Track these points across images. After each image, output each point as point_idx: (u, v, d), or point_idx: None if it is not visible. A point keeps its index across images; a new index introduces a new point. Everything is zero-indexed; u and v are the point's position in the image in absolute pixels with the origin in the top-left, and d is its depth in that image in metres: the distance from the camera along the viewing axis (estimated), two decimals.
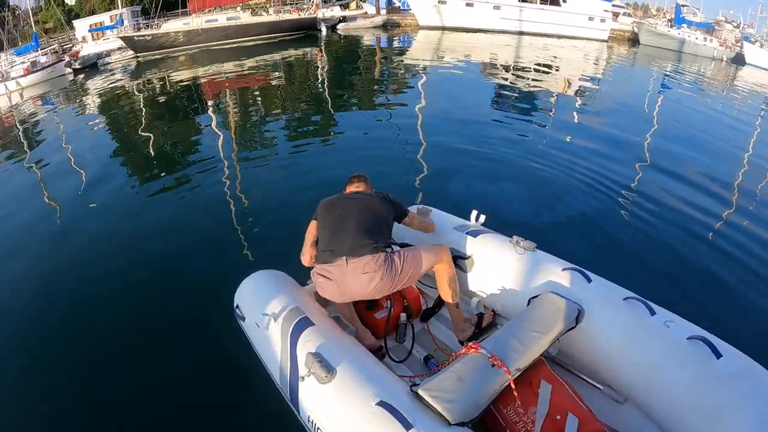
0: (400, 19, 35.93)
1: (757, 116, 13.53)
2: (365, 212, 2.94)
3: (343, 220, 2.89)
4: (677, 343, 2.43)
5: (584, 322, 2.73)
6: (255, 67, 19.88)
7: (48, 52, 25.42)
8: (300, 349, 2.53)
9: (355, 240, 2.78)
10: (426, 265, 2.94)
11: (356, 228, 2.83)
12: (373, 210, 2.99)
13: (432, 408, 2.11)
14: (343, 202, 3.04)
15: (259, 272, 3.30)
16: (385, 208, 3.05)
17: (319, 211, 3.07)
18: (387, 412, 2.06)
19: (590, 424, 2.22)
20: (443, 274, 3.02)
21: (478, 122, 10.03)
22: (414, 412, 2.07)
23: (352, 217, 2.89)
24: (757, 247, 5.27)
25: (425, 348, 3.19)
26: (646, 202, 6.24)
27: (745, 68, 26.39)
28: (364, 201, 3.04)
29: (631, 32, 33.87)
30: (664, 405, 2.40)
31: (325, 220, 2.97)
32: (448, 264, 3.02)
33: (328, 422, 2.24)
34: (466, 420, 2.11)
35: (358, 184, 3.32)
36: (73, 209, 6.52)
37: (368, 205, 3.01)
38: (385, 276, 2.75)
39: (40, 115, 14.64)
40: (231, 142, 9.37)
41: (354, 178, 3.37)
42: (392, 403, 2.10)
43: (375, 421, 2.06)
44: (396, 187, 6.07)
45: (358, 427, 2.10)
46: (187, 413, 3.21)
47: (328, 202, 3.09)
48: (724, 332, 2.51)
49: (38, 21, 37.90)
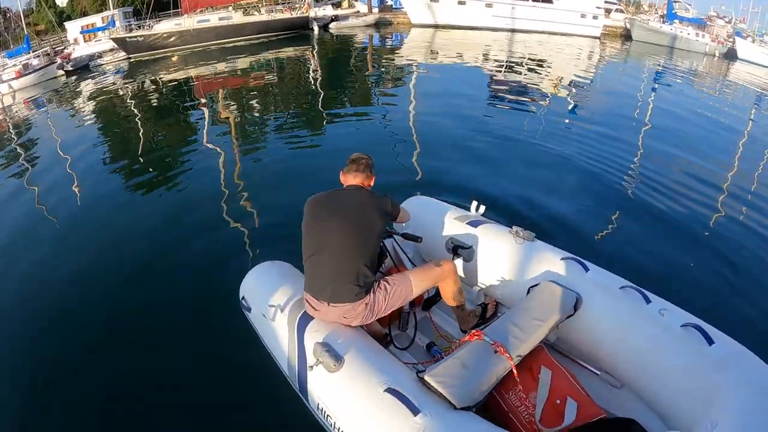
0: (393, 18, 35.87)
1: (749, 111, 13.63)
2: (350, 238, 2.63)
3: (321, 251, 2.64)
4: (671, 330, 2.49)
5: (582, 310, 2.78)
6: (247, 67, 19.85)
7: (40, 55, 25.30)
8: (307, 339, 2.58)
9: (334, 285, 2.59)
10: (419, 289, 2.86)
11: (335, 269, 2.60)
12: (362, 227, 2.67)
13: (438, 393, 2.17)
14: (327, 219, 2.68)
15: (263, 263, 3.34)
16: (379, 218, 2.75)
17: (304, 215, 2.79)
18: (395, 398, 2.12)
19: (589, 408, 2.28)
20: (447, 290, 3.02)
21: (473, 117, 10.09)
22: (421, 398, 2.13)
23: (332, 251, 2.62)
24: (752, 236, 5.36)
25: (427, 336, 3.26)
26: (641, 193, 6.36)
27: (737, 63, 26.56)
28: (353, 217, 2.68)
29: (624, 28, 33.98)
30: (659, 389, 2.45)
31: (307, 237, 2.73)
32: (452, 281, 2.97)
33: (338, 409, 2.30)
34: (470, 404, 2.17)
35: (356, 173, 2.93)
36: (71, 208, 6.52)
37: (356, 223, 2.66)
38: (366, 318, 2.69)
39: (33, 118, 14.60)
40: (227, 139, 9.38)
41: (352, 163, 2.98)
42: (400, 390, 2.16)
43: (384, 407, 2.12)
44: (394, 181, 6.16)
45: (368, 414, 2.16)
46: (197, 405, 3.24)
47: (310, 211, 2.77)
48: (718, 319, 2.57)
49: (30, 23, 37.73)
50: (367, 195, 2.85)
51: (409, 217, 3.28)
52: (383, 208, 2.81)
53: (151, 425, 3.17)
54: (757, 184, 7.10)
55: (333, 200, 2.78)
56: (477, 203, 3.74)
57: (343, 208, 2.72)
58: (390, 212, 2.90)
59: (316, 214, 2.74)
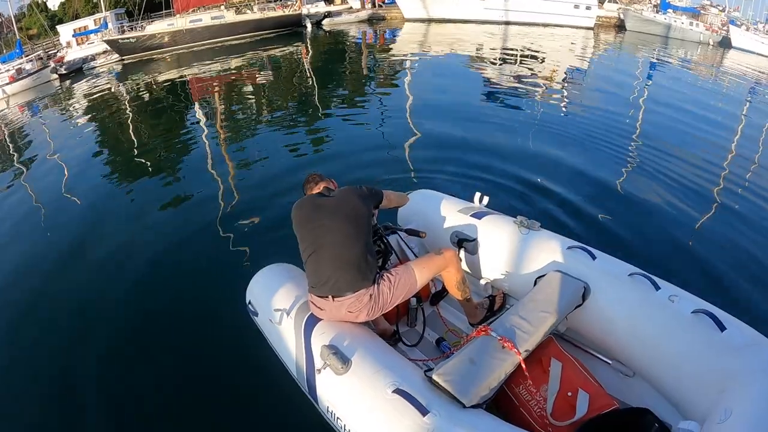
0: (386, 13, 35.82)
1: (744, 99, 13.64)
2: (343, 229, 2.69)
3: (320, 248, 2.68)
4: (682, 316, 2.46)
5: (590, 299, 2.76)
6: (241, 66, 19.76)
7: (33, 59, 25.09)
8: (314, 341, 2.57)
9: (336, 276, 2.62)
10: (423, 279, 2.86)
11: (334, 261, 2.64)
12: (350, 216, 2.74)
13: (446, 392, 2.15)
14: (316, 217, 2.75)
15: (269, 267, 3.32)
16: (363, 203, 2.83)
17: (293, 223, 2.85)
18: (403, 399, 2.11)
19: (601, 399, 2.26)
20: (450, 279, 2.99)
21: (468, 110, 10.09)
22: (430, 397, 2.12)
23: (329, 245, 2.67)
24: (761, 219, 5.39)
25: (437, 331, 3.24)
26: (644, 178, 6.39)
27: (731, 52, 26.51)
28: (339, 209, 2.77)
29: (618, 19, 33.82)
30: (671, 378, 2.43)
31: (303, 239, 2.78)
32: (454, 269, 2.96)
33: (346, 412, 2.29)
34: (480, 402, 2.16)
35: (318, 183, 3.04)
36: (69, 215, 6.47)
37: (344, 214, 2.74)
38: (372, 311, 2.69)
39: (28, 123, 14.53)
40: (222, 140, 9.34)
41: (309, 182, 3.09)
42: (408, 390, 2.15)
43: (392, 408, 2.11)
44: (392, 176, 6.15)
45: (377, 416, 2.15)
46: (206, 409, 3.23)
47: (298, 215, 2.84)
48: (732, 303, 2.54)
49: (22, 28, 37.59)
50: (343, 189, 2.97)
51: (405, 200, 3.41)
52: (363, 194, 2.90)
53: (161, 429, 3.17)
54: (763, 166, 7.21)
55: (316, 202, 2.87)
56: (480, 195, 3.71)
57: (327, 204, 2.82)
58: (370, 195, 2.95)
59: (304, 216, 2.81)
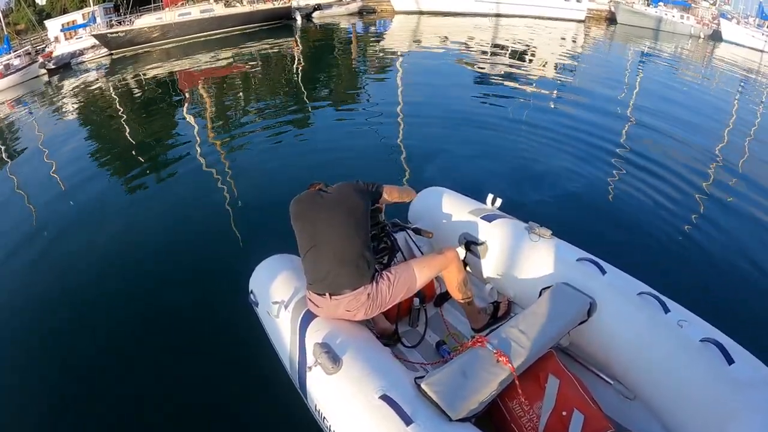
0: (376, 5, 35.48)
1: (736, 91, 13.67)
2: (341, 224, 2.68)
3: (318, 244, 2.66)
4: (690, 343, 2.39)
5: (596, 316, 2.70)
6: (230, 59, 19.61)
7: (21, 54, 24.71)
8: (308, 338, 2.54)
9: (334, 273, 2.59)
10: (423, 278, 2.82)
11: (332, 257, 2.62)
12: (349, 212, 2.72)
13: (434, 403, 2.12)
14: (314, 212, 2.74)
15: (272, 257, 3.27)
16: (360, 198, 2.80)
17: (291, 217, 2.83)
18: (389, 407, 2.08)
19: (596, 422, 2.22)
20: (451, 280, 2.96)
21: (461, 105, 10.19)
22: (416, 407, 2.09)
23: (327, 241, 2.65)
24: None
25: (438, 333, 3.19)
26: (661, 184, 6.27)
27: (722, 45, 26.56)
28: (337, 204, 2.75)
29: (609, 12, 33.81)
30: (672, 405, 2.38)
31: (300, 235, 2.76)
32: (455, 269, 2.92)
33: (333, 413, 2.27)
34: (468, 415, 2.12)
35: (320, 184, 3.00)
36: (62, 212, 6.40)
37: (342, 209, 2.73)
38: (370, 310, 2.67)
39: (18, 119, 14.31)
40: (215, 133, 9.33)
41: (311, 185, 3.03)
42: (395, 397, 2.11)
43: (377, 415, 2.08)
44: (390, 173, 6.17)
45: (360, 421, 2.12)
46: (202, 400, 3.29)
47: (296, 209, 2.83)
48: (744, 333, 2.47)
49: (9, 23, 36.94)
50: (341, 184, 2.93)
51: (411, 195, 3.31)
52: (360, 189, 2.88)
53: (155, 419, 3.22)
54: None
55: (313, 197, 2.85)
56: (493, 196, 3.62)
57: (325, 200, 2.80)
58: (368, 190, 2.92)
59: (302, 211, 2.80)
